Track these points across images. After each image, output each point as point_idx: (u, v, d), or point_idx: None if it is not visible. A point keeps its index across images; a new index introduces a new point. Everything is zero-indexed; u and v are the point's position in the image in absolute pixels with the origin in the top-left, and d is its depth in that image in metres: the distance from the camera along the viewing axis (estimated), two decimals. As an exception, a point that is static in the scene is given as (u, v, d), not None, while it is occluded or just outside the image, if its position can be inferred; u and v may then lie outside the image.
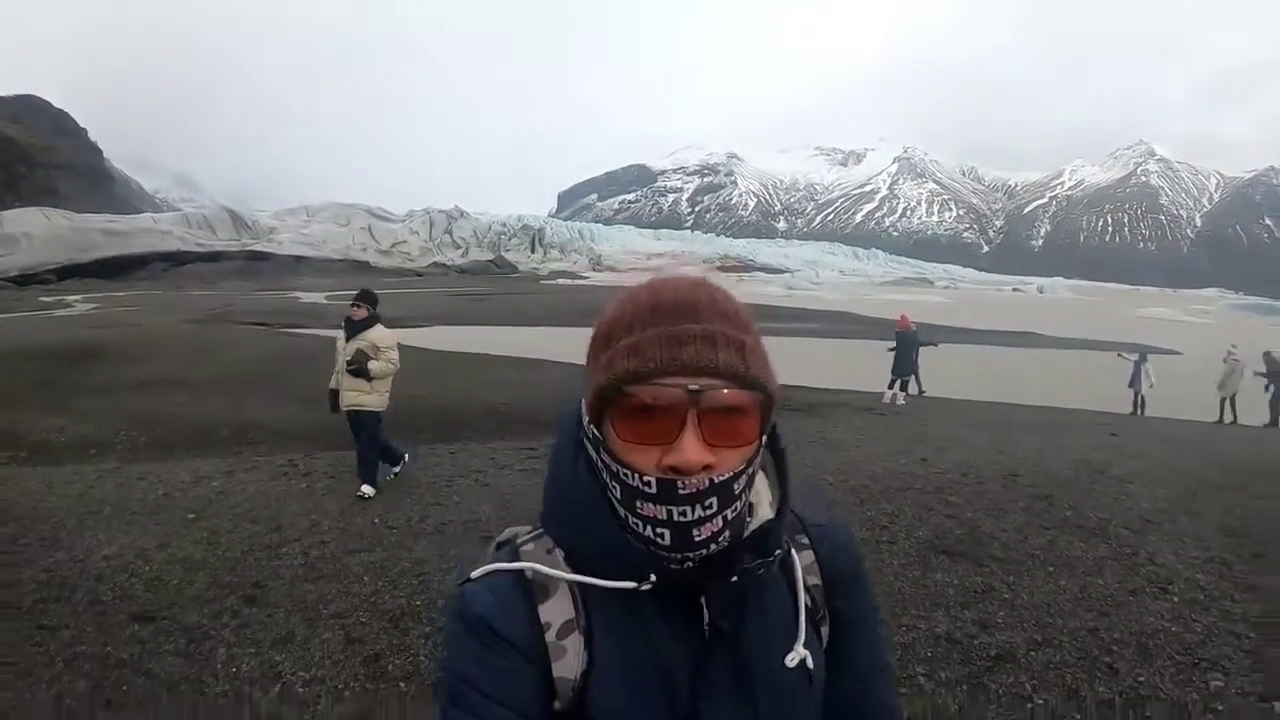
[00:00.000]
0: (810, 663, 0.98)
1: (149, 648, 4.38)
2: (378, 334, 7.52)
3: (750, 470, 0.92)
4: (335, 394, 7.65)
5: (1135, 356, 19.11)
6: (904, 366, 16.84)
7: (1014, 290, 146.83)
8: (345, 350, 7.45)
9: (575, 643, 0.92)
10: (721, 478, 0.88)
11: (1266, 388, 18.23)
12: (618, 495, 0.92)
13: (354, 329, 7.47)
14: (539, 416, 12.37)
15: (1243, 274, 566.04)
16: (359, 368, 7.27)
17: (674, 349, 0.87)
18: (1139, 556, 5.80)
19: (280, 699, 3.94)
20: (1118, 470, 8.58)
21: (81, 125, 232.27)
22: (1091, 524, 6.51)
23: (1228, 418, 18.10)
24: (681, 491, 0.87)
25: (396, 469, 8.01)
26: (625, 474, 0.89)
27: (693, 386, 0.86)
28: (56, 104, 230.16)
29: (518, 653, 0.91)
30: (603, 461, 0.93)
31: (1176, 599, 5.06)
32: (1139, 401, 18.44)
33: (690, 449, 0.86)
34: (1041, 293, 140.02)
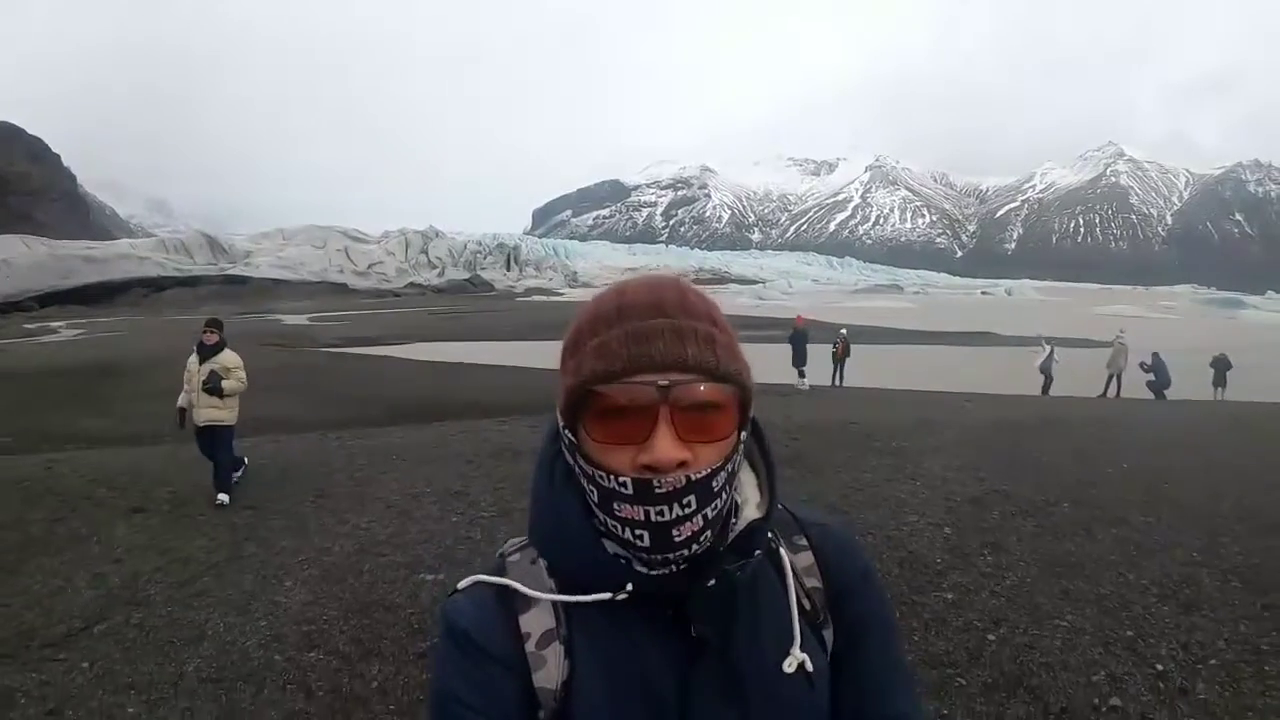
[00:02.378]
0: (810, 666, 0.95)
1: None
2: (227, 356, 8.13)
3: (729, 467, 0.90)
4: (183, 412, 8.29)
5: (1048, 348, 22.32)
6: (799, 358, 20.08)
7: (982, 293, 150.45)
8: (200, 371, 8.00)
9: (556, 652, 0.92)
10: (698, 474, 0.86)
11: (1144, 368, 20.98)
12: (595, 499, 0.91)
13: (206, 353, 8.04)
14: (511, 403, 15.04)
15: (1215, 269, 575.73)
16: (214, 386, 7.86)
17: (641, 345, 0.86)
18: (910, 467, 8.60)
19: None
20: (941, 422, 11.43)
21: (55, 151, 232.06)
22: (890, 449, 9.41)
23: (1111, 392, 20.98)
24: (658, 490, 0.85)
25: (225, 498, 8.05)
26: (601, 476, 0.88)
27: (662, 382, 0.85)
28: (30, 130, 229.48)
29: (498, 664, 0.90)
30: (579, 466, 0.92)
31: (918, 484, 7.84)
32: (1046, 384, 21.34)
33: (663, 446, 0.84)
34: (1009, 295, 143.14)
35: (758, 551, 0.95)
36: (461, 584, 0.98)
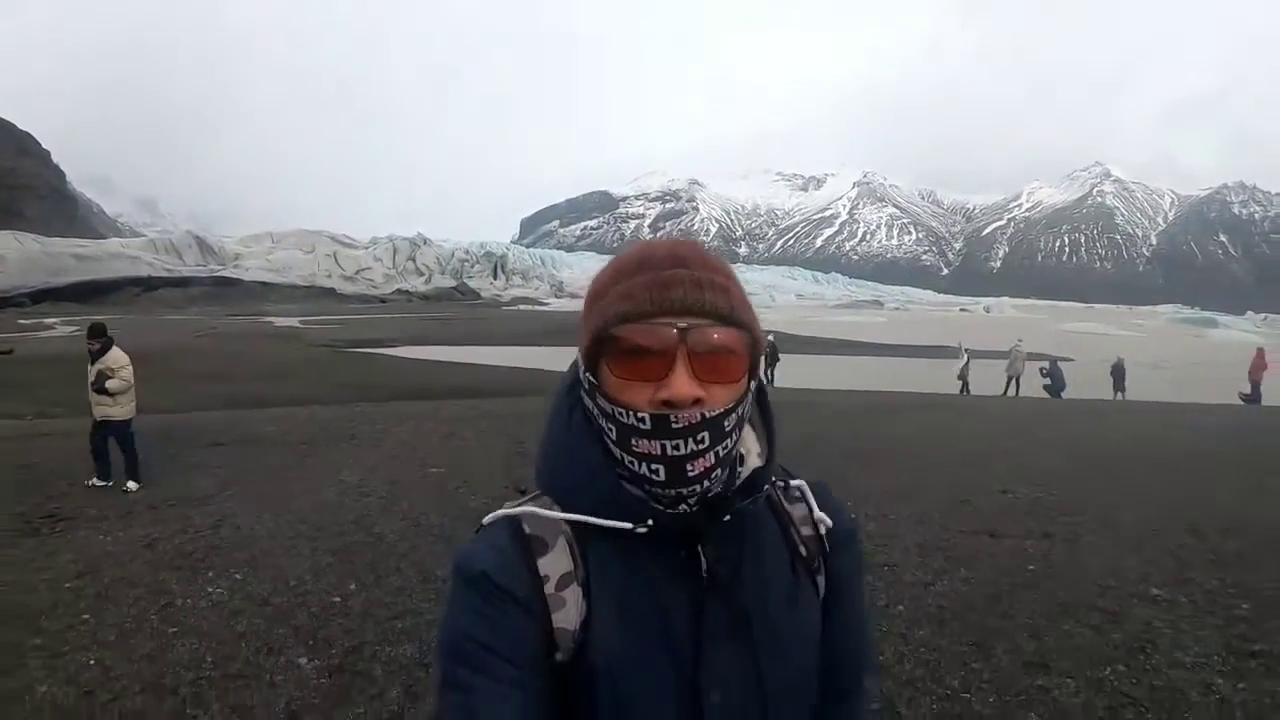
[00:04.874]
0: (805, 605, 1.04)
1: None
2: (112, 357, 8.63)
3: (739, 410, 0.95)
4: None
5: (965, 356, 25.32)
6: None
7: (961, 310, 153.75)
8: (90, 373, 8.60)
9: (574, 594, 0.94)
10: (712, 413, 0.91)
11: (1043, 373, 24.00)
12: (613, 436, 0.95)
13: (95, 357, 8.61)
14: (494, 388, 18.02)
15: (1199, 290, 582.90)
16: (100, 385, 8.45)
17: (663, 291, 0.91)
18: (785, 430, 11.45)
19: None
20: (824, 404, 14.51)
21: (45, 148, 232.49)
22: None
23: (1011, 392, 24.06)
24: (674, 425, 0.89)
25: (106, 482, 8.54)
26: (620, 413, 0.92)
27: (681, 324, 0.90)
28: (19, 125, 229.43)
29: (517, 605, 0.92)
30: (598, 406, 0.96)
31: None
32: (964, 387, 24.36)
33: (681, 383, 0.89)
34: (987, 312, 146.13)
35: (766, 487, 1.02)
36: (487, 519, 1.01)
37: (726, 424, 0.93)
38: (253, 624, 4.77)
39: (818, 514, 1.09)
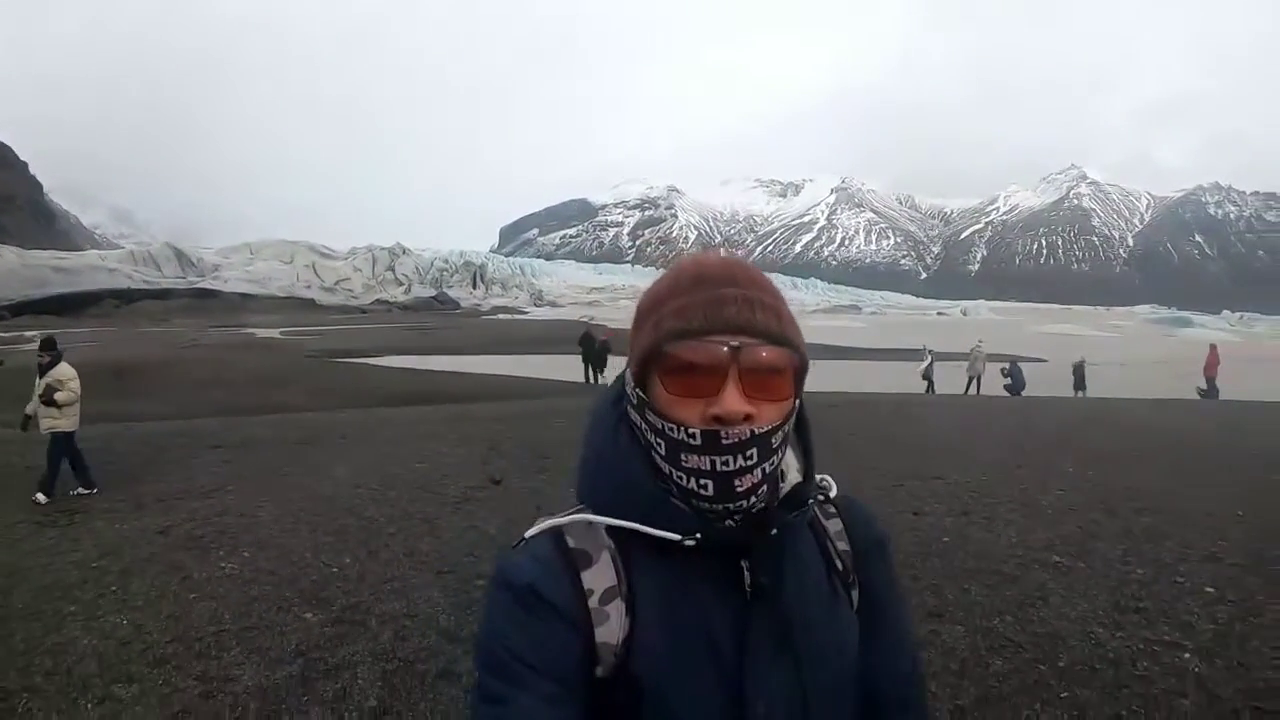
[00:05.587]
0: (842, 616, 1.06)
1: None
2: (60, 370, 8.87)
3: (786, 427, 0.97)
4: (28, 418, 9.20)
5: (929, 358, 26.39)
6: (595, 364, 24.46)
7: (938, 314, 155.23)
8: (38, 386, 8.84)
9: (617, 608, 0.95)
10: (761, 430, 0.92)
11: (1004, 373, 25.07)
12: (662, 452, 0.96)
13: (43, 370, 8.85)
14: (475, 393, 18.85)
15: (1175, 290, 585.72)
16: (49, 397, 8.69)
17: (716, 310, 0.93)
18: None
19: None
20: None
21: (23, 159, 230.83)
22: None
23: (972, 391, 25.07)
24: (725, 441, 0.91)
25: (44, 498, 8.55)
26: (671, 429, 0.94)
27: (734, 343, 0.91)
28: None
29: (561, 619, 0.92)
30: (647, 421, 0.97)
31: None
32: (929, 387, 25.35)
33: (732, 400, 0.90)
34: (965, 315, 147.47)
35: (810, 500, 1.03)
36: (529, 532, 1.00)
37: (774, 440, 0.94)
38: (263, 589, 5.51)
39: (840, 546, 1.11)
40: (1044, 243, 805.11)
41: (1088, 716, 3.82)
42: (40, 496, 8.41)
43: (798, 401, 1.01)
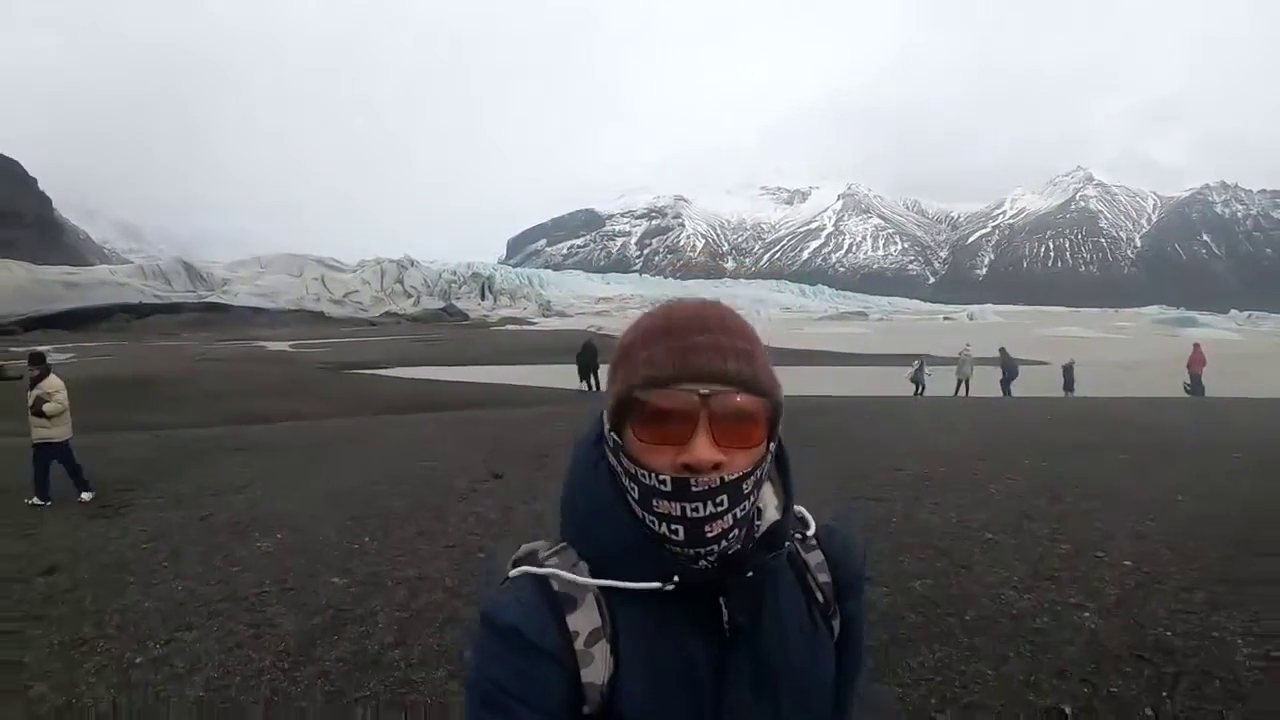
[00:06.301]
0: (821, 649, 1.08)
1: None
2: (48, 383, 9.18)
3: (758, 473, 0.98)
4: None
5: (917, 362, 27.23)
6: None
7: (945, 318, 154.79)
8: (28, 398, 9.12)
9: (602, 649, 0.96)
10: (731, 477, 0.93)
11: (1002, 372, 25.94)
12: (635, 496, 0.97)
13: (33, 383, 9.21)
14: (469, 403, 19.81)
15: (1184, 290, 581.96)
16: (38, 409, 9.00)
17: (687, 358, 0.94)
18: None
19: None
20: None
21: (32, 175, 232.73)
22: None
23: (961, 393, 25.73)
24: (694, 489, 0.92)
25: (46, 502, 9.02)
26: (643, 474, 0.95)
27: (704, 391, 0.92)
28: (5, 153, 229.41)
29: (548, 659, 0.94)
30: (622, 465, 0.99)
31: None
32: (919, 390, 26.19)
33: (702, 448, 0.91)
34: (971, 319, 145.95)
35: (786, 544, 1.05)
36: (513, 571, 1.02)
37: (745, 487, 0.96)
38: (296, 562, 6.43)
39: (821, 579, 1.13)
40: (1051, 245, 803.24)
41: (979, 654, 4.49)
42: (85, 495, 9.20)
43: (773, 444, 1.03)
